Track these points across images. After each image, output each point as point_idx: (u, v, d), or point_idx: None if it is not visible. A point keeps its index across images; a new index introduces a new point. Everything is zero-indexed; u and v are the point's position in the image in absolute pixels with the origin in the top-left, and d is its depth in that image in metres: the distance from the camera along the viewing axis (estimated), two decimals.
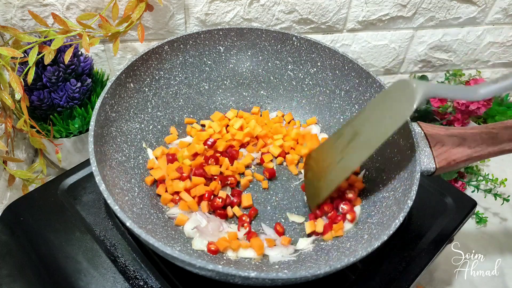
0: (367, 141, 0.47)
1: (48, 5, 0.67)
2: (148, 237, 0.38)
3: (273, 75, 0.68)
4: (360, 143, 0.48)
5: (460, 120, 0.80)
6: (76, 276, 0.47)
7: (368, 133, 0.47)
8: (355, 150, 0.49)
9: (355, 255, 0.39)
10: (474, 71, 0.95)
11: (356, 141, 0.49)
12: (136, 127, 0.57)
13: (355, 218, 0.52)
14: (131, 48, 0.76)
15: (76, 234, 0.51)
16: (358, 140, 0.48)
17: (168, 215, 0.53)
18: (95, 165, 0.43)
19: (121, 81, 0.54)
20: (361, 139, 0.48)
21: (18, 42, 0.59)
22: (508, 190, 0.77)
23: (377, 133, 0.46)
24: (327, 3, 0.76)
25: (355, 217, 0.52)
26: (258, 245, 0.49)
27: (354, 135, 0.49)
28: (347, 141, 0.50)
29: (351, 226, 0.52)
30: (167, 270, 0.48)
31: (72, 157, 0.71)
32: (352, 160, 0.49)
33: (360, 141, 0.48)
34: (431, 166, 0.48)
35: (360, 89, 0.60)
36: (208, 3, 0.72)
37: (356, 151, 0.48)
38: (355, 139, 0.49)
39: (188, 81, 0.64)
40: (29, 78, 0.57)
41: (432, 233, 0.55)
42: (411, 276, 0.50)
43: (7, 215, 0.53)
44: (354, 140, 0.49)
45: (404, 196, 0.46)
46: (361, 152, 0.48)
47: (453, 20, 0.85)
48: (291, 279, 0.37)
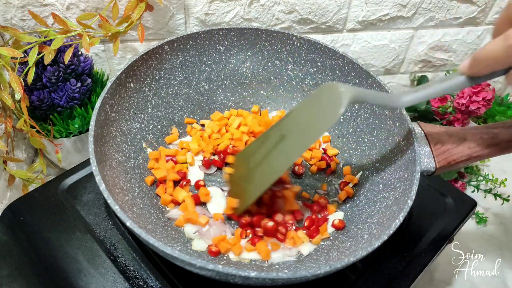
0: (294, 145, 0.47)
1: (48, 5, 0.67)
2: (148, 237, 0.38)
3: (273, 75, 0.68)
4: (287, 147, 0.47)
5: (460, 120, 0.80)
6: (76, 276, 0.47)
7: (295, 137, 0.47)
8: (282, 154, 0.48)
9: (355, 255, 0.39)
10: None
11: (283, 145, 0.48)
12: (136, 127, 0.57)
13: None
14: (131, 48, 0.76)
15: (76, 234, 0.51)
16: (285, 143, 0.48)
17: (168, 216, 0.53)
18: (95, 165, 0.43)
19: (121, 81, 0.54)
20: (288, 142, 0.47)
21: (18, 42, 0.59)
22: (508, 190, 0.77)
23: (304, 138, 0.45)
24: (327, 3, 0.76)
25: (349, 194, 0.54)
26: (265, 250, 0.49)
27: (281, 139, 0.48)
28: (273, 144, 0.49)
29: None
30: (167, 270, 0.48)
31: (72, 157, 0.71)
32: (278, 164, 0.48)
33: (287, 144, 0.47)
34: (431, 166, 0.48)
35: None
36: (208, 3, 0.72)
37: (282, 154, 0.48)
38: (282, 143, 0.48)
39: (188, 81, 0.64)
40: (29, 78, 0.57)
41: (432, 233, 0.55)
42: (411, 276, 0.50)
43: (7, 215, 0.53)
44: (281, 143, 0.48)
45: (404, 196, 0.46)
46: (288, 156, 0.47)
47: (453, 20, 0.85)
48: (291, 279, 0.37)
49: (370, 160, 0.57)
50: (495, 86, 1.01)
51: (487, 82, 0.76)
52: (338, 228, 0.53)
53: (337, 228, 0.53)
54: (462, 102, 0.76)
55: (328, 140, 0.64)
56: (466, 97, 0.76)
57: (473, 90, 0.75)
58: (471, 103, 0.76)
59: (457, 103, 0.78)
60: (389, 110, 0.55)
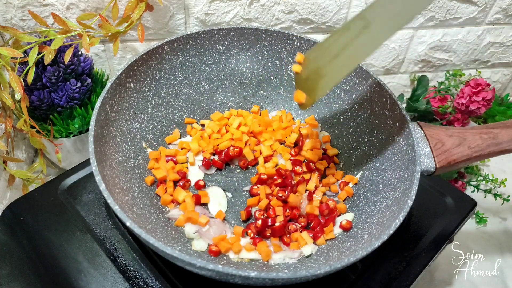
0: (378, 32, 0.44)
1: (48, 5, 0.67)
2: (148, 237, 0.38)
3: (273, 75, 0.68)
4: (373, 33, 0.45)
5: (460, 120, 0.80)
6: (76, 276, 0.47)
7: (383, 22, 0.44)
8: (366, 40, 0.45)
9: (355, 255, 0.39)
10: (474, 71, 0.95)
11: (367, 32, 0.45)
12: (136, 127, 0.57)
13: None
14: (131, 48, 0.76)
15: (76, 234, 0.51)
16: (370, 30, 0.45)
17: (168, 216, 0.53)
18: (95, 165, 0.43)
19: (121, 81, 0.54)
20: (374, 29, 0.45)
21: (18, 42, 0.59)
22: (508, 190, 0.77)
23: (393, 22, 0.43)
24: (327, 3, 0.76)
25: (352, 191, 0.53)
26: (266, 251, 0.49)
27: (365, 27, 0.45)
28: (355, 34, 0.46)
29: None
30: (167, 270, 0.48)
31: (72, 157, 0.71)
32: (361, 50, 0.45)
33: (373, 31, 0.45)
34: (431, 166, 0.48)
35: (360, 89, 0.60)
36: (208, 3, 0.72)
37: (367, 40, 0.45)
38: (366, 31, 0.45)
39: (188, 81, 0.64)
40: (29, 78, 0.57)
41: (432, 233, 0.55)
42: (411, 276, 0.50)
43: (7, 215, 0.53)
44: (364, 31, 0.45)
45: (404, 196, 0.46)
46: (371, 43, 0.45)
47: (453, 20, 0.85)
48: (292, 279, 0.37)
49: (370, 160, 0.57)
50: (495, 86, 1.01)
51: (487, 82, 0.76)
52: (346, 229, 0.52)
53: (344, 229, 0.52)
54: (462, 102, 0.76)
55: (328, 140, 0.64)
56: (466, 97, 0.76)
57: (473, 90, 0.75)
58: (471, 103, 0.76)
59: (457, 103, 0.78)
60: (389, 110, 0.55)
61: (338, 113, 0.64)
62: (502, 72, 0.99)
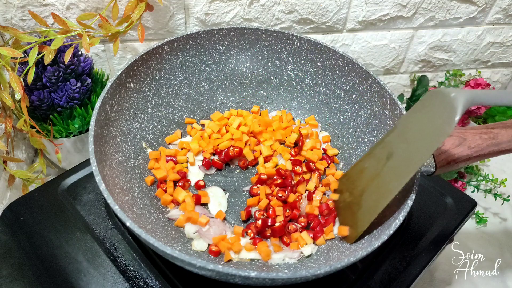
0: (403, 164, 0.43)
1: (48, 5, 0.67)
2: (148, 237, 0.38)
3: (273, 75, 0.68)
4: (396, 165, 0.44)
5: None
6: (76, 276, 0.47)
7: (404, 154, 0.43)
8: (392, 173, 0.44)
9: (355, 255, 0.39)
10: (474, 71, 0.95)
11: (392, 163, 0.44)
12: (136, 127, 0.57)
13: None
14: (131, 48, 0.76)
15: (76, 234, 0.51)
16: (394, 161, 0.44)
17: (168, 216, 0.53)
18: (95, 165, 0.43)
19: (121, 81, 0.54)
20: (397, 160, 0.44)
21: (18, 42, 0.59)
22: (508, 190, 0.78)
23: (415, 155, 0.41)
24: (327, 3, 0.76)
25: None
26: (266, 251, 0.49)
27: (389, 157, 0.45)
28: (381, 164, 0.46)
29: None
30: (167, 270, 0.48)
31: (72, 157, 0.71)
32: (389, 185, 0.44)
33: (396, 162, 0.44)
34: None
35: (360, 89, 0.60)
36: (208, 3, 0.72)
37: (392, 174, 0.44)
38: (390, 161, 0.45)
39: (188, 81, 0.64)
40: (29, 78, 0.57)
41: (432, 233, 0.55)
42: (411, 276, 0.50)
43: (7, 215, 0.53)
44: (389, 161, 0.45)
45: (404, 196, 0.46)
46: (399, 176, 0.43)
47: (453, 20, 0.85)
48: (291, 279, 0.37)
49: None
50: (495, 86, 1.01)
51: (487, 82, 0.76)
52: None
53: None
54: None
55: (328, 140, 0.64)
56: None
57: None
58: None
59: None
60: (389, 110, 0.55)
61: (338, 113, 0.64)
62: (502, 72, 0.99)
